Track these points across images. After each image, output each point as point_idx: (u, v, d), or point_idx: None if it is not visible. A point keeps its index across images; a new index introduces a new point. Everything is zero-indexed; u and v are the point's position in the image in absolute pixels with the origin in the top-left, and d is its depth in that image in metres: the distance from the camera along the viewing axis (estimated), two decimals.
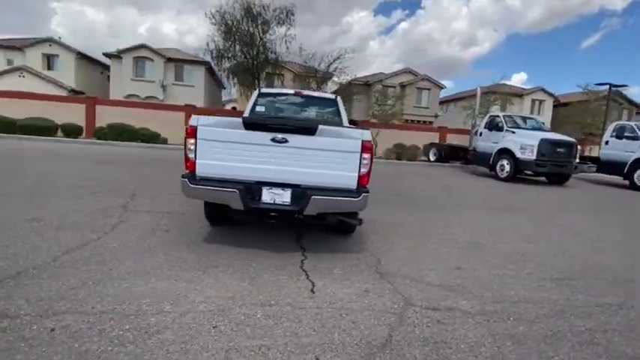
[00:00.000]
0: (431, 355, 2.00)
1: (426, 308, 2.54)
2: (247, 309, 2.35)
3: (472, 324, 2.37)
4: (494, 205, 6.73)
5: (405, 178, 10.36)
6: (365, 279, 2.96)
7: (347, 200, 3.06)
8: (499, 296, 2.83)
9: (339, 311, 2.41)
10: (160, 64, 28.28)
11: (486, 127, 12.09)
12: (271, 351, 1.94)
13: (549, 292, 2.96)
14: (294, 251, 3.45)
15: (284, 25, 17.94)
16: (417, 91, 33.52)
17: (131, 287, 2.52)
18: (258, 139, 3.04)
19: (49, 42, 27.64)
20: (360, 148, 3.08)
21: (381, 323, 2.30)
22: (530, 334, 2.30)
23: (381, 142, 19.59)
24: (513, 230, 4.96)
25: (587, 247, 4.37)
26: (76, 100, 19.58)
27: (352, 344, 2.06)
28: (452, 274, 3.22)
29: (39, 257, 2.88)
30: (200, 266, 2.95)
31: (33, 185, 5.48)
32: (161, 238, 3.54)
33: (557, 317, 2.55)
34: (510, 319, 2.48)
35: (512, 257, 3.79)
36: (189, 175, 3.10)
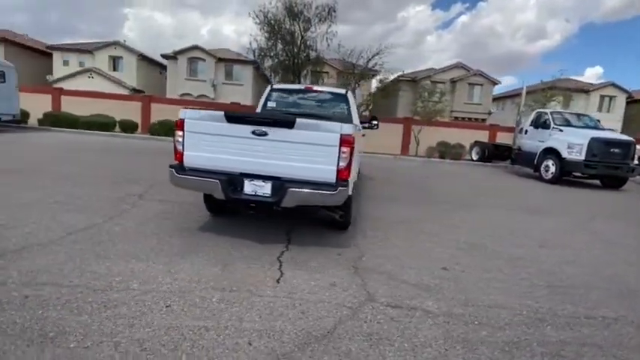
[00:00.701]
0: (367, 351, 1.97)
1: (386, 305, 2.49)
2: (206, 293, 2.46)
3: (429, 325, 2.28)
4: (524, 207, 6.27)
5: (439, 176, 9.97)
6: (337, 273, 2.94)
7: (323, 194, 3.06)
8: (474, 299, 2.67)
9: (294, 301, 2.44)
10: (212, 64, 29.76)
11: (532, 125, 11.24)
12: (209, 332, 2.02)
13: (535, 300, 2.74)
14: (279, 243, 3.51)
15: (325, 22, 18.03)
16: (469, 87, 31.96)
17: (112, 266, 2.74)
18: (240, 132, 3.14)
19: (115, 45, 30.24)
20: (338, 141, 3.06)
21: (331, 316, 2.29)
22: (490, 340, 2.16)
23: (424, 139, 18.99)
24: (530, 234, 4.60)
25: (609, 257, 3.95)
26: (134, 99, 21.25)
27: (291, 333, 2.08)
28: (434, 274, 3.09)
29: (46, 236, 3.23)
30: (182, 251, 3.13)
31: (71, 173, 6.10)
32: (160, 225, 3.78)
33: (531, 326, 2.36)
34: (475, 323, 2.35)
35: (514, 261, 3.54)
36: (177, 166, 3.29)
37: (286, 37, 17.55)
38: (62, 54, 30.25)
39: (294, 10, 17.21)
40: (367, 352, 1.96)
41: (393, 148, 19.05)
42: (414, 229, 4.40)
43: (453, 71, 31.99)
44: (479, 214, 5.49)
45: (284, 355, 1.88)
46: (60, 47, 30.32)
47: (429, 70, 32.89)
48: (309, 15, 17.89)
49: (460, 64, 32.40)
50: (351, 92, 5.61)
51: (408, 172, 10.42)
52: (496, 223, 5.06)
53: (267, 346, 1.94)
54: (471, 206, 6.09)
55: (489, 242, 4.11)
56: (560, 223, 5.32)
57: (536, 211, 6.11)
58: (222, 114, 3.14)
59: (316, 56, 19.02)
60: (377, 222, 4.60)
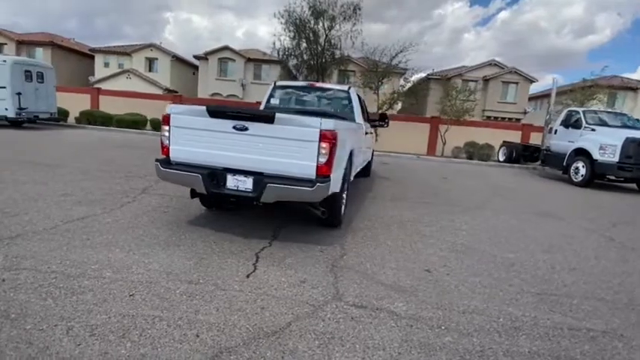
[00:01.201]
0: (314, 350, 1.92)
1: (351, 305, 2.42)
2: (173, 284, 2.50)
3: (389, 327, 2.19)
4: (540, 211, 5.90)
5: (457, 177, 9.60)
6: (312, 270, 2.90)
7: (301, 189, 3.02)
8: (449, 303, 2.54)
9: (258, 296, 2.43)
10: (241, 64, 30.41)
11: (562, 124, 10.57)
12: (162, 322, 2.05)
13: (519, 307, 2.57)
14: (264, 238, 3.51)
15: (350, 20, 17.86)
16: (503, 86, 30.67)
17: (92, 255, 2.85)
18: (222, 127, 3.17)
19: (151, 47, 31.59)
20: (318, 137, 3.01)
21: (289, 312, 2.26)
22: (451, 346, 2.05)
23: (451, 139, 18.42)
24: (538, 238, 4.33)
25: (621, 267, 3.64)
26: (166, 98, 22.09)
27: (242, 327, 2.07)
28: (414, 275, 2.97)
29: (43, 224, 3.41)
30: (165, 243, 3.20)
31: (87, 167, 6.41)
32: (153, 218, 3.89)
33: (504, 334, 2.21)
34: (442, 327, 2.23)
35: (508, 266, 3.35)
36: (162, 160, 3.37)
37: (310, 36, 17.56)
38: (103, 56, 31.97)
39: (319, 8, 17.19)
40: (314, 351, 1.91)
41: (419, 148, 18.64)
42: (411, 230, 4.26)
43: (485, 69, 30.80)
44: (486, 217, 5.24)
45: (227, 349, 1.87)
46: (101, 50, 32.06)
47: (461, 68, 31.85)
48: (334, 13, 17.81)
49: (494, 61, 31.13)
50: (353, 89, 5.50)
51: (426, 173, 10.12)
52: (503, 226, 4.80)
53: (214, 340, 1.94)
54: (481, 208, 5.82)
55: (488, 246, 3.90)
56: (574, 229, 4.97)
57: (553, 215, 5.74)
58: (204, 109, 3.18)
59: (341, 55, 18.90)
60: (374, 221, 4.50)
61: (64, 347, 1.79)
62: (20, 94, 11.01)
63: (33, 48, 30.20)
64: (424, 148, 19.26)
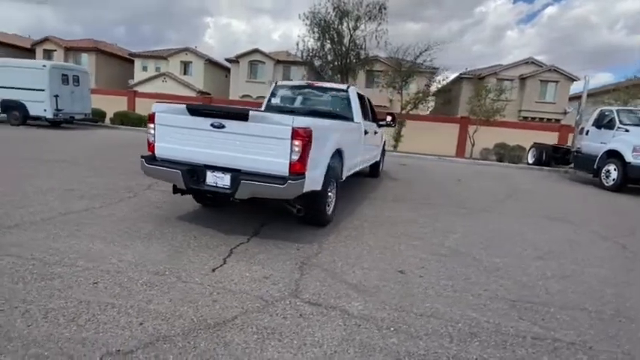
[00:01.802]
0: (249, 343, 1.94)
1: (306, 302, 2.41)
2: (138, 274, 2.60)
3: (336, 325, 2.17)
4: (552, 215, 5.56)
5: (475, 179, 9.23)
6: (279, 267, 2.91)
7: (272, 186, 3.05)
8: (409, 306, 2.47)
9: (214, 290, 2.48)
10: (270, 66, 30.98)
11: (594, 125, 9.89)
12: (113, 309, 2.15)
13: (483, 313, 2.45)
14: (245, 234, 3.56)
15: (376, 20, 17.70)
16: (541, 85, 29.15)
17: (75, 244, 3.03)
18: (201, 125, 3.26)
19: (186, 51, 32.87)
20: (290, 134, 3.03)
21: (239, 307, 2.29)
22: (393, 348, 2.00)
23: (480, 140, 17.77)
24: (537, 243, 4.09)
25: (622, 276, 3.37)
26: (197, 100, 22.92)
27: (188, 318, 2.12)
28: (385, 276, 2.91)
29: (42, 215, 3.66)
30: (146, 236, 3.33)
31: (102, 165, 6.78)
32: (145, 212, 4.06)
33: (456, 340, 2.12)
34: (390, 329, 2.18)
35: (491, 271, 3.19)
36: (147, 156, 3.51)
37: (335, 36, 17.58)
38: (142, 60, 33.66)
39: (343, 9, 17.18)
40: (249, 344, 1.93)
41: (447, 149, 18.09)
42: (401, 231, 4.16)
43: (522, 67, 29.41)
44: (489, 220, 5.01)
45: (164, 338, 1.93)
46: (140, 54, 33.77)
47: (495, 67, 30.59)
48: (359, 13, 17.72)
49: (531, 59, 29.66)
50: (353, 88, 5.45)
51: (443, 174, 9.81)
52: (503, 230, 4.58)
53: (155, 328, 2.01)
54: (487, 211, 5.57)
55: (477, 249, 3.74)
56: (585, 234, 4.64)
57: (565, 219, 5.39)
58: (184, 107, 3.29)
59: (366, 55, 18.78)
60: (366, 221, 4.44)
61: (16, 327, 1.92)
62: (57, 97, 11.85)
63: (79, 54, 32.35)
64: (453, 149, 18.71)
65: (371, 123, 6.04)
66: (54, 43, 31.76)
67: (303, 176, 3.15)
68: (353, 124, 4.94)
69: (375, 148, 6.78)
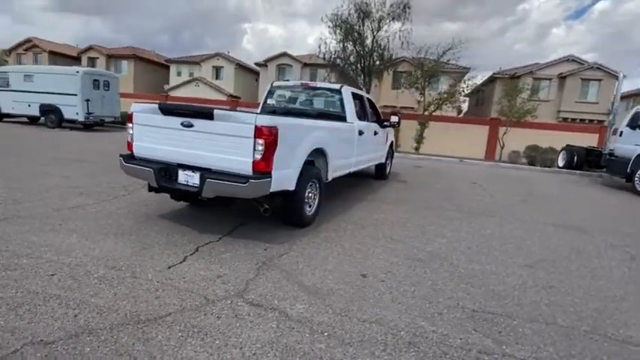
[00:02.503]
0: (169, 340, 1.94)
1: (248, 302, 2.38)
2: (95, 268, 2.68)
3: (268, 327, 2.12)
4: (562, 222, 5.15)
5: (489, 183, 8.76)
6: (238, 266, 2.90)
7: (235, 185, 3.04)
8: (357, 310, 2.37)
9: (162, 286, 2.50)
10: (298, 69, 31.29)
11: (629, 125, 9.11)
12: (56, 301, 2.22)
13: (433, 323, 2.30)
14: (218, 233, 3.58)
15: (399, 20, 17.37)
16: (582, 83, 27.36)
17: (51, 238, 3.17)
18: (172, 124, 3.32)
19: (217, 56, 33.89)
20: (253, 133, 3.01)
21: (177, 304, 2.30)
22: (317, 353, 1.92)
23: (510, 143, 16.95)
24: (530, 251, 3.81)
25: (616, 289, 3.07)
26: (225, 103, 23.57)
27: (122, 312, 2.16)
28: (344, 280, 2.82)
29: (36, 211, 3.87)
30: (120, 233, 3.43)
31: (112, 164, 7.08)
32: (130, 209, 4.19)
33: (389, 349, 2.01)
34: (324, 334, 2.10)
35: (463, 278, 3.01)
36: (126, 155, 3.62)
37: (357, 38, 17.43)
38: (176, 66, 35.09)
39: (365, 9, 17.00)
40: (169, 341, 1.93)
41: (475, 151, 17.42)
42: (383, 234, 4.02)
43: (561, 65, 27.75)
44: (487, 225, 4.73)
45: (91, 330, 1.97)
46: (175, 60, 35.22)
47: (532, 66, 29.09)
48: (383, 14, 17.47)
49: (572, 57, 27.93)
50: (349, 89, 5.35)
51: (458, 177, 9.41)
52: (497, 235, 4.30)
53: (87, 321, 2.05)
54: (489, 216, 5.27)
55: (459, 255, 3.54)
56: (593, 243, 4.26)
57: (576, 227, 4.98)
58: (156, 106, 3.36)
59: (390, 56, 18.46)
60: (350, 223, 4.33)
61: None
62: (89, 101, 12.61)
63: (119, 60, 34.26)
64: (481, 152, 17.97)
65: (369, 123, 5.90)
66: (97, 51, 33.85)
67: (268, 175, 3.12)
68: (342, 124, 4.85)
69: (378, 149, 6.61)
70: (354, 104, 5.43)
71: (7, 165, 6.25)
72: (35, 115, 13.43)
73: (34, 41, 33.97)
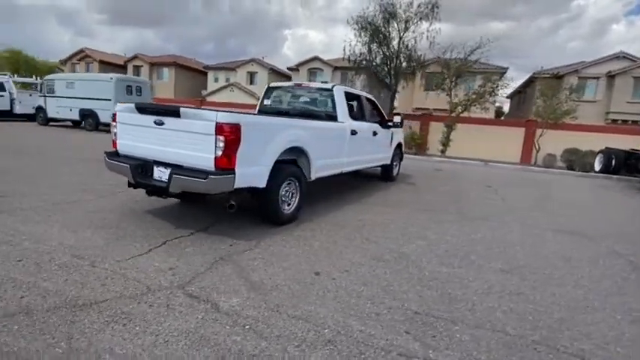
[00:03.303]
0: (93, 324, 2.03)
1: (185, 294, 2.44)
2: (61, 256, 2.86)
3: (194, 318, 2.16)
4: (567, 228, 4.77)
5: (510, 186, 8.28)
6: (194, 260, 2.97)
7: (196, 181, 3.12)
8: (293, 307, 2.36)
9: (113, 274, 2.62)
10: (329, 72, 31.44)
11: None
12: (10, 284, 2.40)
13: (365, 323, 2.24)
14: (191, 229, 3.69)
15: (427, 20, 16.96)
16: (634, 82, 25.18)
17: (36, 228, 3.42)
18: (147, 122, 3.48)
19: (252, 62, 34.86)
20: (214, 130, 3.08)
21: (118, 292, 2.40)
22: (227, 345, 1.94)
23: (546, 145, 16.00)
24: (514, 257, 3.57)
25: (595, 300, 2.81)
26: (254, 107, 24.15)
27: (64, 296, 2.29)
28: (294, 277, 2.81)
29: (36, 204, 4.19)
30: (100, 225, 3.63)
31: None
32: (120, 205, 4.41)
33: (304, 345, 1.98)
34: (245, 327, 2.11)
35: (423, 281, 2.89)
36: (110, 152, 3.84)
37: (382, 40, 17.24)
38: (214, 72, 36.51)
39: (391, 10, 16.78)
40: (92, 324, 2.02)
41: (510, 155, 16.59)
42: (360, 235, 3.94)
43: (610, 63, 25.74)
44: (478, 229, 4.49)
45: (27, 311, 2.11)
46: (212, 67, 36.67)
47: (578, 64, 27.25)
48: (410, 14, 17.15)
49: (622, 53, 25.83)
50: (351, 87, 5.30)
51: (474, 181, 8.99)
52: (485, 240, 4.07)
53: (28, 302, 2.20)
54: (487, 220, 5.00)
55: (431, 258, 3.39)
56: (593, 251, 3.92)
57: (582, 233, 4.59)
58: (133, 105, 3.54)
59: (418, 57, 18.06)
60: (331, 223, 4.29)
61: None
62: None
63: (161, 68, 36.23)
64: (516, 155, 17.07)
65: (366, 123, 5.81)
66: (141, 59, 36.02)
67: (230, 172, 3.17)
68: (328, 123, 4.82)
69: (379, 150, 6.49)
70: (349, 104, 5.38)
71: (31, 163, 6.82)
72: (76, 119, 14.53)
73: (86, 52, 36.76)
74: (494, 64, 26.41)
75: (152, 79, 36.30)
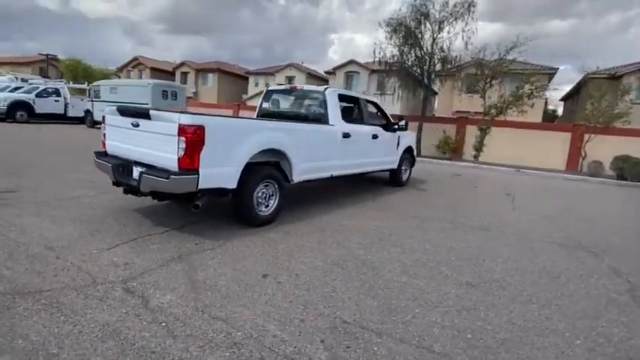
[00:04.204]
0: (23, 312, 2.18)
1: (124, 289, 2.53)
2: (35, 247, 3.09)
3: (118, 311, 2.25)
4: (572, 244, 4.34)
5: (534, 195, 7.68)
6: (151, 257, 3.06)
7: (160, 180, 3.24)
8: (215, 307, 2.38)
9: (71, 267, 2.79)
10: (365, 76, 31.20)
11: None
12: None
13: (285, 329, 2.20)
14: (167, 227, 3.82)
15: (462, 19, 16.29)
16: None
17: (27, 220, 3.72)
18: (126, 124, 3.68)
19: (290, 66, 35.51)
20: (176, 131, 3.19)
21: (66, 282, 2.55)
22: (132, 340, 1.99)
23: (593, 152, 14.72)
24: (488, 270, 3.32)
25: (559, 320, 2.53)
26: None
27: (15, 283, 2.48)
28: (240, 278, 2.82)
29: (40, 199, 4.56)
30: (87, 221, 3.86)
31: None
32: (114, 201, 4.65)
33: (209, 344, 1.99)
34: (161, 324, 2.16)
35: (366, 290, 2.78)
36: (99, 152, 4.09)
37: (417, 41, 16.81)
38: (254, 77, 37.66)
39: (424, 11, 16.33)
40: (24, 311, 2.17)
41: (555, 162, 15.39)
42: (334, 239, 3.86)
43: None
44: (467, 239, 4.22)
45: None
46: (253, 72, 37.85)
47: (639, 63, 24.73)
48: (445, 14, 16.59)
49: None
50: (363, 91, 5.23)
51: (493, 188, 8.43)
52: (467, 250, 3.81)
53: None
54: (484, 230, 4.68)
55: (395, 266, 3.25)
56: (584, 268, 3.53)
57: (585, 248, 4.15)
58: (115, 108, 3.75)
59: (453, 59, 17.39)
60: (312, 226, 4.25)
61: None
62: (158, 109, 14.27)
63: (206, 74, 38.01)
64: (561, 162, 15.79)
65: (364, 126, 5.70)
66: (188, 66, 38.07)
67: (193, 172, 3.26)
68: (314, 126, 4.78)
69: (382, 153, 6.31)
70: (346, 106, 5.32)
71: (58, 160, 7.44)
72: None
73: (140, 59, 39.51)
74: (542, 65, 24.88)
75: (197, 84, 38.29)
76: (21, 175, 5.85)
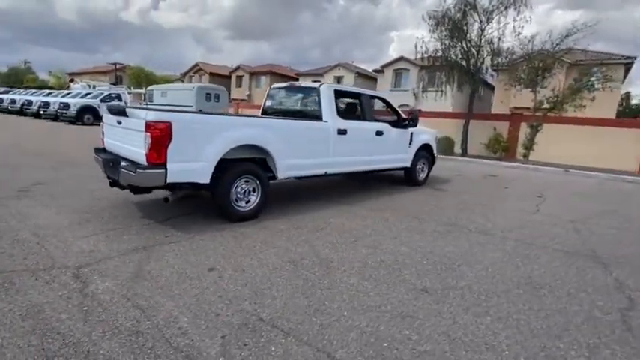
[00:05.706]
0: None
1: (72, 274, 2.71)
2: (23, 233, 3.43)
3: (55, 296, 2.41)
4: (587, 251, 3.76)
5: (572, 198, 6.83)
6: (118, 247, 3.25)
7: (129, 174, 3.42)
8: (145, 297, 2.45)
9: (42, 251, 3.05)
10: (415, 73, 30.13)
11: None
12: None
13: (195, 323, 2.21)
14: (153, 220, 4.03)
15: (512, 8, 15.03)
16: None
17: (32, 210, 4.15)
18: (113, 122, 3.94)
19: (339, 66, 35.52)
20: (144, 127, 3.34)
21: (30, 265, 2.80)
22: (53, 322, 2.12)
23: None
24: (459, 274, 3.02)
25: (500, 339, 2.22)
26: None
27: None
28: (185, 272, 2.88)
29: (45, 191, 5.05)
30: (80, 211, 4.20)
31: None
32: (113, 194, 4.87)
33: (110, 331, 2.06)
34: (83, 309, 2.28)
35: (313, 288, 2.68)
36: (99, 148, 4.43)
37: (460, 34, 15.87)
38: (303, 78, 38.22)
39: (471, 2, 15.35)
40: None
41: (626, 162, 13.50)
42: (305, 238, 3.77)
43: None
44: (459, 243, 3.87)
45: None
46: (303, 73, 38.45)
47: None
48: (496, 2, 15.44)
49: None
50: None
51: (525, 189, 7.64)
52: (451, 257, 3.49)
53: None
54: (485, 234, 4.26)
55: (352, 267, 3.10)
56: (583, 279, 3.05)
57: (596, 257, 3.58)
58: (106, 107, 4.03)
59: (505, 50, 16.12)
60: (291, 224, 4.20)
61: None
62: (201, 111, 15.11)
63: (259, 76, 39.44)
64: (632, 162, 13.86)
65: (366, 122, 5.50)
66: (242, 70, 39.81)
67: (160, 167, 3.39)
68: (302, 122, 4.71)
69: (390, 150, 6.03)
70: (344, 102, 5.19)
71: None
72: None
73: (200, 65, 42.15)
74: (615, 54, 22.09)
75: (251, 87, 39.90)
76: (60, 170, 6.54)
